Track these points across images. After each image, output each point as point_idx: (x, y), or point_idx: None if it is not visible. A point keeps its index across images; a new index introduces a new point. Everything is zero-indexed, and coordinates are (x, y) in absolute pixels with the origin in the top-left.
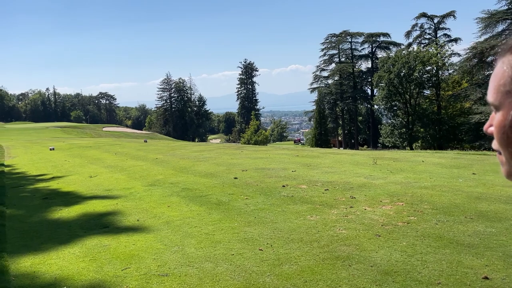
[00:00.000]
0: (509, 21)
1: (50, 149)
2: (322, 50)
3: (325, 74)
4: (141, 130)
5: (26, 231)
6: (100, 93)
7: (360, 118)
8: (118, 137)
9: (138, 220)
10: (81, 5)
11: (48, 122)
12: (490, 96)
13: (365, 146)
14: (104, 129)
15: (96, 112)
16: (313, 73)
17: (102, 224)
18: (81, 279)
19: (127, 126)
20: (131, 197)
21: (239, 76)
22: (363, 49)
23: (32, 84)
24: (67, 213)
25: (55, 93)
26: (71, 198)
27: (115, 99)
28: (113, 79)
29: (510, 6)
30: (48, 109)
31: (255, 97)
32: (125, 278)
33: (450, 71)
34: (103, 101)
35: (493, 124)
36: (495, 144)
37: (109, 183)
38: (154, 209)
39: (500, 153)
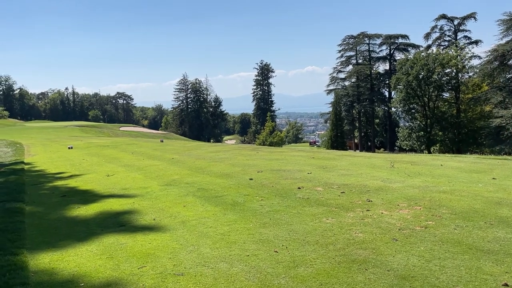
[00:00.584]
0: None
1: (69, 148)
2: (339, 51)
3: (342, 75)
4: (158, 130)
5: (45, 228)
6: (118, 93)
7: (377, 120)
8: (135, 136)
9: (154, 219)
10: (101, 7)
11: (66, 121)
12: None
13: (382, 149)
14: (121, 128)
15: (113, 111)
16: (330, 74)
17: (119, 223)
18: (98, 276)
19: (143, 126)
20: (148, 196)
21: (255, 77)
22: (380, 50)
23: (52, 84)
24: (85, 211)
25: (74, 93)
26: (88, 196)
27: (132, 99)
28: (130, 79)
29: None
30: (67, 108)
31: (270, 98)
32: (141, 276)
33: (470, 74)
34: (121, 101)
35: None
36: None
37: (126, 182)
38: (170, 209)
39: None
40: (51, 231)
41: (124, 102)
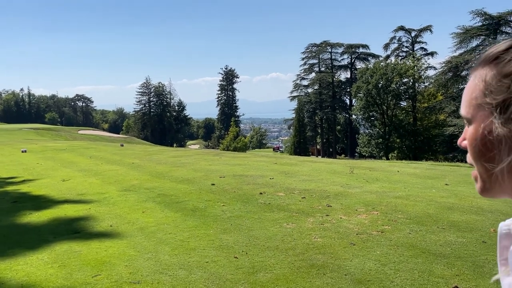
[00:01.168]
0: (483, 37)
1: (22, 151)
2: (303, 59)
3: (305, 83)
4: (118, 134)
5: None
6: (77, 95)
7: (339, 127)
8: (93, 140)
9: (111, 226)
10: (61, 6)
11: (21, 124)
12: (463, 110)
13: (343, 155)
14: (79, 132)
15: (72, 114)
16: (293, 81)
17: (73, 230)
18: (49, 286)
19: (103, 130)
20: (105, 202)
21: (220, 82)
22: (342, 59)
23: (6, 84)
24: (37, 217)
25: (29, 94)
26: (42, 202)
27: (92, 102)
28: (90, 82)
29: (484, 22)
30: (22, 110)
31: (235, 103)
32: (95, 285)
33: (426, 84)
34: (80, 104)
35: (466, 138)
36: (469, 158)
37: (82, 187)
38: (128, 215)
39: (474, 168)
40: None
41: (84, 104)
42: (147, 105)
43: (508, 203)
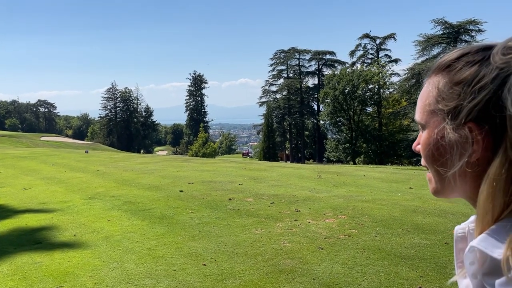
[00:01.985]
0: (443, 45)
1: None
2: (271, 65)
3: (273, 88)
4: (83, 140)
5: None
6: (39, 100)
7: (307, 132)
8: (57, 147)
9: (74, 235)
10: (21, 8)
11: None
12: (417, 115)
13: (311, 160)
14: (42, 138)
15: (33, 120)
16: (262, 87)
17: (34, 240)
18: None
19: (67, 136)
20: (68, 211)
21: (188, 88)
22: (310, 66)
23: None
24: None
25: None
26: (1, 212)
27: (55, 107)
28: (53, 87)
29: (444, 31)
30: None
31: (204, 109)
32: None
33: (390, 90)
34: (42, 109)
35: (420, 143)
36: (423, 161)
37: (44, 196)
38: (92, 224)
39: (429, 171)
40: None
41: (46, 110)
42: (113, 111)
43: (468, 205)
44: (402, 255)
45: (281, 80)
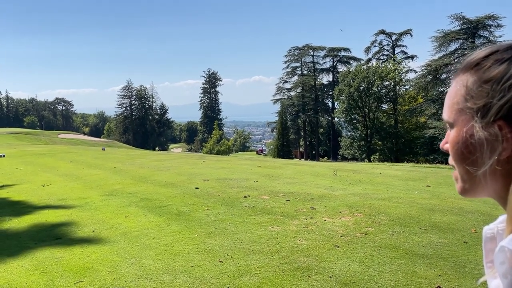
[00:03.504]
0: (461, 40)
1: (0, 156)
2: (285, 62)
3: (288, 86)
4: (99, 137)
5: None
6: (57, 98)
7: (321, 130)
8: (74, 144)
9: (93, 231)
10: (40, 8)
11: None
12: (445, 114)
13: (326, 157)
14: (59, 136)
15: (51, 118)
16: (276, 84)
17: (54, 235)
18: None
19: (84, 134)
20: (87, 207)
21: (203, 85)
22: (324, 62)
23: None
24: (16, 223)
25: (7, 97)
26: (21, 208)
27: (73, 105)
28: (71, 85)
29: (462, 27)
30: (0, 114)
31: (218, 106)
32: None
33: (406, 87)
34: (60, 107)
35: (448, 141)
36: (451, 160)
37: (63, 192)
38: (110, 220)
39: (455, 169)
40: None
41: (64, 108)
42: (128, 108)
43: (487, 204)
44: (420, 254)
45: (295, 77)
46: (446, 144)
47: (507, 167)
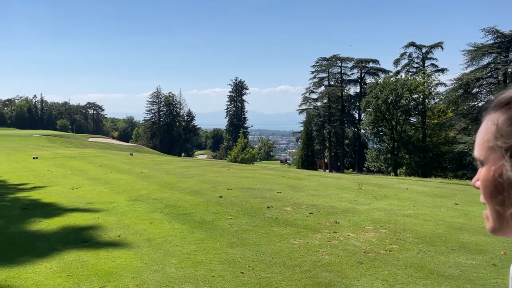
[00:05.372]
0: (494, 54)
1: (33, 158)
2: (312, 72)
3: (314, 96)
4: (128, 142)
5: (3, 242)
6: (88, 102)
7: (347, 141)
8: (103, 148)
9: (119, 236)
10: (73, 14)
11: (33, 130)
12: (476, 151)
13: (351, 169)
14: (90, 139)
15: (82, 121)
16: (302, 94)
17: (82, 239)
18: None
19: (113, 138)
20: (113, 211)
21: (229, 94)
22: (352, 74)
23: (20, 90)
24: (46, 225)
25: (42, 101)
26: (51, 210)
27: (103, 110)
28: (101, 90)
29: (495, 40)
30: (34, 117)
31: (244, 115)
32: None
33: (436, 100)
34: (91, 111)
35: (479, 179)
36: (482, 198)
37: (91, 196)
38: (136, 225)
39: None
40: (9, 246)
41: (95, 112)
42: (157, 115)
43: None
44: (446, 275)
45: (322, 88)
46: (477, 181)
47: None
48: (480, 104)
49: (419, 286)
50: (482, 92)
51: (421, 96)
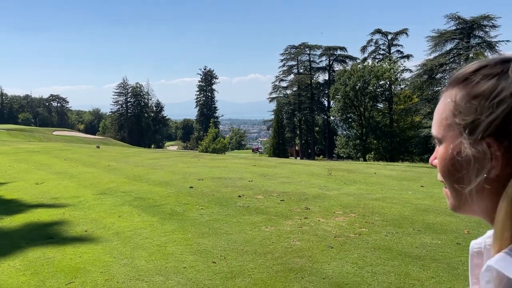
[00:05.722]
0: (456, 40)
1: None
2: (282, 61)
3: (284, 84)
4: (95, 135)
5: None
6: (51, 95)
7: (317, 128)
8: (69, 141)
9: (86, 231)
10: (33, 4)
11: None
12: (434, 129)
13: (321, 156)
14: (54, 133)
15: (46, 115)
16: (272, 83)
17: (46, 235)
18: None
19: (79, 131)
20: (80, 206)
21: (199, 83)
22: (320, 61)
23: None
24: (8, 222)
25: (1, 94)
26: (14, 206)
27: (68, 102)
28: (66, 82)
29: (458, 26)
30: None
31: (214, 104)
32: None
33: (402, 86)
34: (54, 104)
35: (437, 157)
36: (439, 176)
37: (56, 191)
38: (104, 219)
39: (445, 186)
40: None
41: (59, 105)
42: (124, 106)
43: None
44: (413, 255)
45: (292, 76)
46: (435, 159)
47: (496, 185)
48: None
49: (388, 267)
50: (446, 77)
51: (388, 83)
